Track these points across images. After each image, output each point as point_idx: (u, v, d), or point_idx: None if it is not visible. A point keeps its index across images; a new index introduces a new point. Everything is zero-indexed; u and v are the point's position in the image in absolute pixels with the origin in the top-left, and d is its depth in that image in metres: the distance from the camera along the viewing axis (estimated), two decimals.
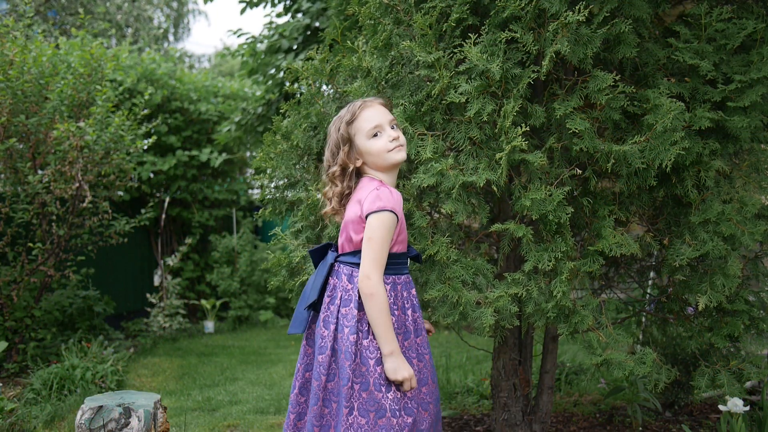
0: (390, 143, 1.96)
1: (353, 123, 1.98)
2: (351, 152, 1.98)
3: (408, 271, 2.04)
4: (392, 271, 1.96)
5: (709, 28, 2.38)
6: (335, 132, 2.01)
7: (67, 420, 3.57)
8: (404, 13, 2.50)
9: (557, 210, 2.26)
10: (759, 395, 3.35)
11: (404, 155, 1.98)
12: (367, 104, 2.00)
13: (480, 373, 4.53)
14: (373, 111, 1.99)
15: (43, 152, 4.82)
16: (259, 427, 3.53)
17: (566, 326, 2.34)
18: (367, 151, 1.97)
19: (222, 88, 7.92)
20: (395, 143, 1.96)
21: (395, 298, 1.95)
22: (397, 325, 1.94)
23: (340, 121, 2.01)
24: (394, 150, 1.96)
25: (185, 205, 7.60)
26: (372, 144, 1.96)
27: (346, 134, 1.98)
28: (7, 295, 4.71)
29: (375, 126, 1.96)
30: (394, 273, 1.97)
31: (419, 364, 1.97)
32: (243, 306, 7.35)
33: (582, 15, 2.12)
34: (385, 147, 1.96)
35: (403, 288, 1.98)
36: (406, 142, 2.42)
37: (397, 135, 1.97)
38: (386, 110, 2.02)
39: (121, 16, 15.11)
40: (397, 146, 1.96)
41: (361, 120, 1.98)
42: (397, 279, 1.98)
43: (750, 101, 2.30)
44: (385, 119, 1.98)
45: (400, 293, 1.97)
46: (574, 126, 2.22)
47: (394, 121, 2.02)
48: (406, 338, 1.96)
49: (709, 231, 2.38)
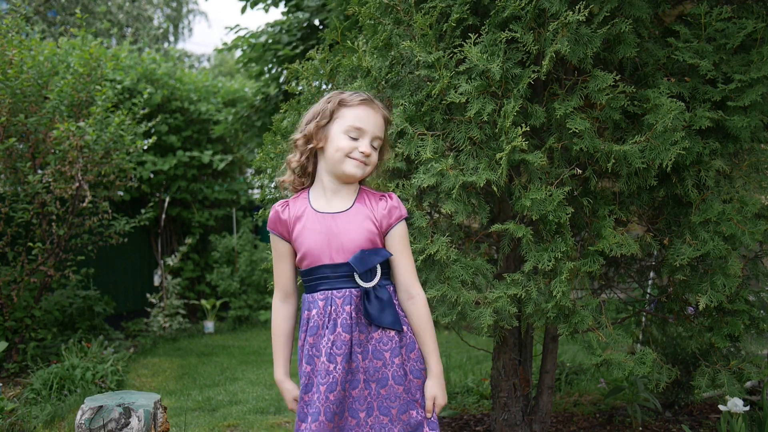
0: (354, 152, 1.78)
1: (345, 107, 1.81)
2: (322, 130, 1.81)
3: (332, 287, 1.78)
4: (308, 288, 1.83)
5: (709, 27, 2.38)
6: (324, 102, 1.84)
7: (67, 420, 3.57)
8: (404, 13, 2.50)
9: (557, 210, 2.26)
10: (759, 395, 3.35)
11: (359, 174, 1.80)
12: (372, 105, 1.83)
13: (480, 373, 4.53)
14: (369, 115, 1.81)
15: (42, 152, 4.82)
16: (259, 427, 3.53)
17: (566, 326, 2.34)
18: (331, 141, 1.80)
19: (222, 88, 7.93)
20: (359, 156, 1.78)
21: (308, 318, 1.80)
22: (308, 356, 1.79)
23: (335, 96, 1.83)
24: (352, 161, 1.78)
25: (185, 205, 7.60)
26: (340, 139, 1.79)
27: (330, 110, 1.81)
28: (7, 295, 4.71)
29: (358, 128, 1.79)
30: (308, 291, 1.82)
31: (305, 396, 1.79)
32: (243, 306, 7.35)
33: (582, 15, 2.12)
34: (347, 149, 1.78)
35: (314, 308, 1.79)
36: (406, 142, 2.42)
37: (369, 152, 1.79)
38: (382, 126, 1.84)
39: (122, 15, 15.11)
40: (359, 160, 1.78)
41: (353, 111, 1.80)
42: (309, 297, 1.81)
43: (750, 101, 2.30)
44: (372, 131, 1.80)
45: (312, 315, 1.80)
46: (575, 126, 2.22)
47: (380, 141, 1.84)
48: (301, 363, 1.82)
49: (710, 231, 2.38)
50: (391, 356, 1.79)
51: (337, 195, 1.83)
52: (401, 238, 1.84)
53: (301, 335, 1.83)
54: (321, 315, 1.78)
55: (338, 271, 1.78)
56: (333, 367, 1.73)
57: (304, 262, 1.82)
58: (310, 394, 1.77)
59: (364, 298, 1.78)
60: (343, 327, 1.75)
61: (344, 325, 1.76)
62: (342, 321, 1.76)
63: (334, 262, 1.78)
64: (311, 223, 1.80)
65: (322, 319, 1.78)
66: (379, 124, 1.82)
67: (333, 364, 1.73)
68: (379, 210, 1.82)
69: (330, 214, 1.81)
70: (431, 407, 1.81)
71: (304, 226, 1.80)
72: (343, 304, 1.77)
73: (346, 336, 1.75)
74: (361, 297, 1.78)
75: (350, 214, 1.81)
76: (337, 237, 1.78)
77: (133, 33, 14.97)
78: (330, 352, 1.74)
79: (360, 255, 1.77)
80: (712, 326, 2.59)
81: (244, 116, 6.68)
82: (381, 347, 1.79)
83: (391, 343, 1.79)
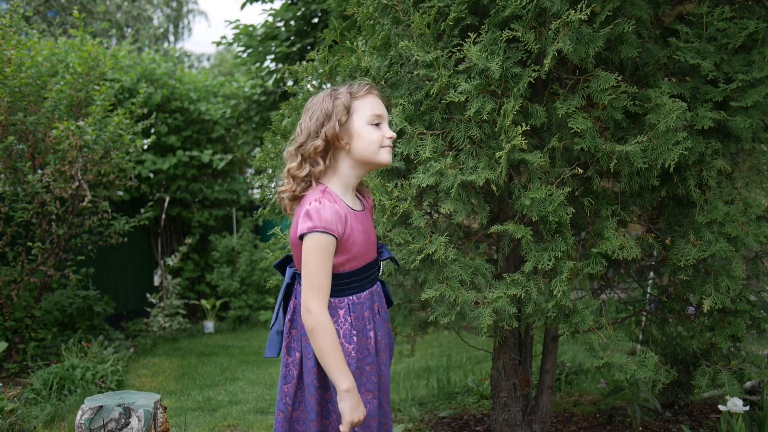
0: (386, 139, 1.76)
1: (357, 100, 1.75)
2: (343, 128, 1.73)
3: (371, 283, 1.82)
4: (349, 291, 1.76)
5: (711, 27, 2.38)
6: (329, 101, 1.74)
7: (67, 420, 3.57)
8: (403, 13, 2.49)
9: (557, 210, 2.25)
10: (759, 395, 3.34)
11: (392, 159, 1.80)
12: (374, 91, 1.80)
13: (480, 373, 4.52)
14: (378, 101, 1.80)
15: (42, 152, 4.82)
16: (259, 427, 3.53)
17: (567, 326, 2.34)
18: (361, 136, 1.73)
19: (222, 88, 7.93)
20: (389, 142, 1.77)
21: (354, 320, 1.75)
22: (358, 349, 1.75)
23: (338, 92, 1.76)
24: (386, 148, 1.76)
25: (185, 204, 7.60)
26: (369, 131, 1.74)
27: (346, 106, 1.73)
28: (7, 295, 4.71)
29: (379, 115, 1.76)
30: (352, 293, 1.76)
31: (368, 395, 1.78)
32: (243, 306, 7.35)
33: (584, 14, 2.12)
34: (380, 140, 1.74)
35: (364, 307, 1.78)
36: (405, 142, 2.42)
37: (393, 136, 1.78)
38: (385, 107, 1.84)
39: (121, 15, 15.11)
40: (389, 146, 1.77)
41: (367, 102, 1.76)
42: (356, 299, 1.77)
43: (753, 101, 2.29)
44: (386, 115, 1.80)
45: (360, 314, 1.77)
46: (577, 125, 2.22)
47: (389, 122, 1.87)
48: (368, 362, 1.78)
49: (714, 231, 2.38)
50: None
51: (351, 191, 1.84)
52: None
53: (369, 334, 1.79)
54: (373, 311, 1.82)
55: (374, 267, 1.86)
56: (386, 356, 1.89)
57: (349, 264, 1.74)
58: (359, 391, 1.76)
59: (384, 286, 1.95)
60: (385, 317, 1.90)
61: (385, 315, 1.90)
62: (383, 312, 1.89)
63: (372, 259, 1.84)
64: (355, 222, 1.75)
65: (374, 315, 1.83)
66: (385, 107, 1.82)
67: (385, 353, 1.88)
68: (370, 203, 1.94)
69: (360, 212, 1.81)
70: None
71: (352, 227, 1.73)
72: (381, 297, 1.89)
73: (388, 324, 1.92)
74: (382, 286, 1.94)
75: (366, 210, 1.88)
76: (370, 234, 1.84)
77: (133, 33, 14.97)
78: (385, 342, 1.88)
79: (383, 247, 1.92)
80: (713, 326, 2.59)
81: (242, 110, 6.70)
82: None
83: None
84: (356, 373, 1.73)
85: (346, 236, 1.71)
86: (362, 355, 1.76)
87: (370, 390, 1.77)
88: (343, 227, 1.70)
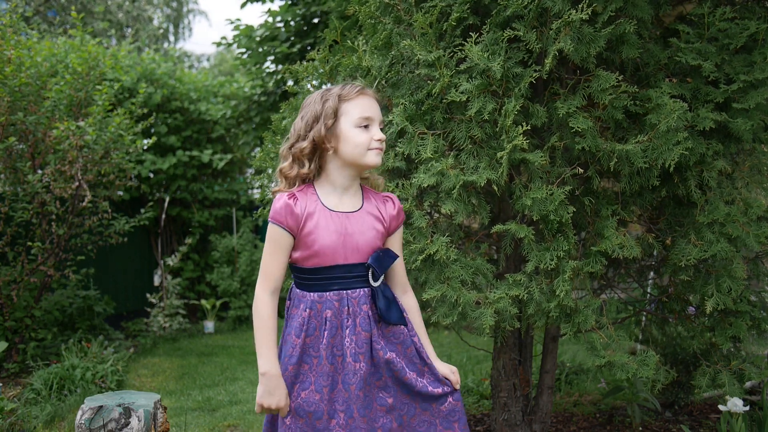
0: (374, 142, 1.77)
1: (346, 102, 1.77)
2: (330, 131, 1.76)
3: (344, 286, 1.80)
4: (312, 288, 1.79)
5: (712, 27, 2.38)
6: (319, 103, 1.78)
7: (67, 420, 3.57)
8: (405, 13, 2.49)
9: (558, 209, 2.25)
10: (759, 395, 3.34)
11: (380, 161, 1.80)
12: (366, 92, 1.81)
13: (480, 373, 4.52)
14: (370, 102, 1.80)
15: (42, 152, 4.82)
16: (258, 427, 3.53)
17: (569, 326, 2.34)
18: (347, 139, 1.76)
19: (222, 88, 7.93)
20: (378, 144, 1.78)
21: (309, 317, 1.77)
22: (304, 345, 1.77)
23: (329, 93, 1.79)
24: (374, 150, 1.77)
25: (185, 204, 7.59)
26: (356, 134, 1.76)
27: (333, 109, 1.76)
28: (7, 295, 4.71)
29: (368, 117, 1.77)
30: (315, 290, 1.79)
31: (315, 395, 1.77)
32: (243, 306, 7.34)
33: (585, 14, 2.12)
34: (367, 143, 1.76)
35: (324, 307, 1.78)
36: (406, 141, 2.41)
37: (383, 137, 1.79)
38: (379, 108, 1.84)
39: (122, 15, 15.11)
40: (378, 148, 1.78)
41: (356, 104, 1.78)
42: (317, 297, 1.78)
43: (754, 102, 2.29)
44: (378, 116, 1.81)
45: (318, 312, 1.78)
46: (577, 125, 2.22)
47: (382, 124, 1.85)
48: (319, 363, 1.77)
49: (716, 232, 2.38)
50: (402, 347, 1.87)
51: (347, 193, 1.83)
52: (400, 238, 1.92)
53: (291, 336, 1.79)
54: (338, 315, 1.79)
55: (353, 272, 1.80)
56: (359, 365, 1.78)
57: (311, 260, 1.78)
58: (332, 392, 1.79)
59: (375, 296, 1.82)
60: (362, 326, 1.79)
61: (363, 323, 1.80)
62: (361, 320, 1.80)
63: (348, 262, 1.79)
64: (325, 221, 1.77)
65: (339, 318, 1.79)
66: (378, 109, 1.82)
67: (358, 363, 1.78)
68: (388, 211, 1.87)
69: (344, 213, 1.81)
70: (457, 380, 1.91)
71: (317, 224, 1.76)
72: (359, 304, 1.80)
73: (366, 334, 1.79)
74: (372, 296, 1.82)
75: (362, 213, 1.83)
76: (352, 237, 1.79)
77: (133, 34, 14.96)
78: (355, 351, 1.78)
79: (377, 256, 1.81)
80: (713, 326, 2.59)
81: (243, 110, 6.70)
82: (394, 340, 1.86)
83: (401, 336, 1.87)
84: (294, 368, 1.78)
85: (306, 232, 1.76)
86: (308, 353, 1.78)
87: (317, 391, 1.77)
88: (298, 222, 1.75)
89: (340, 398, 1.78)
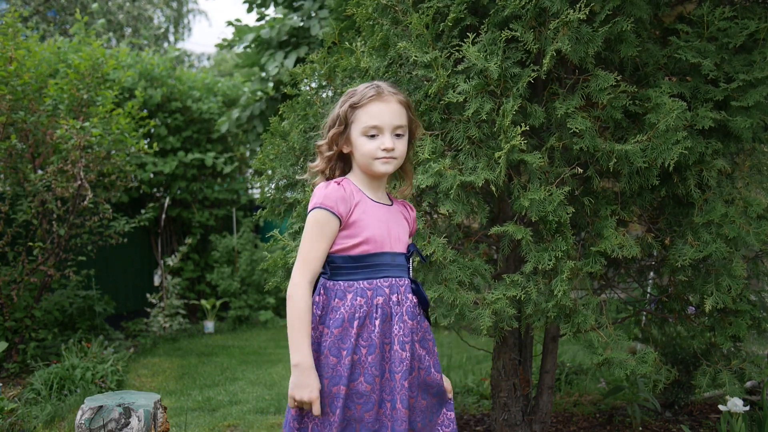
0: (379, 151, 1.76)
1: (358, 109, 1.78)
2: (342, 136, 1.80)
3: (391, 274, 1.80)
4: (360, 275, 1.77)
5: (711, 26, 2.37)
6: (339, 106, 1.82)
7: (67, 420, 3.57)
8: (402, 14, 2.49)
9: (557, 210, 2.25)
10: (759, 395, 3.34)
11: (390, 169, 1.79)
12: (383, 97, 1.78)
13: (480, 373, 4.52)
14: (383, 107, 1.77)
15: (43, 152, 4.82)
16: (259, 427, 3.53)
17: (568, 326, 2.34)
18: (356, 147, 1.79)
19: (222, 88, 7.92)
20: (384, 154, 1.76)
21: (361, 306, 1.75)
22: (363, 338, 1.75)
23: (348, 98, 1.81)
24: (380, 160, 1.76)
25: (185, 204, 7.59)
26: (363, 143, 1.77)
27: (344, 116, 1.79)
28: (7, 295, 4.71)
29: (374, 126, 1.76)
30: (364, 277, 1.77)
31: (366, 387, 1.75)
32: (243, 306, 7.35)
33: (583, 13, 2.11)
34: (372, 153, 1.76)
35: (375, 294, 1.76)
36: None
37: (392, 146, 1.76)
38: (400, 111, 1.79)
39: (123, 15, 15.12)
40: (385, 158, 1.76)
41: (365, 112, 1.77)
42: (367, 284, 1.76)
43: (754, 101, 2.29)
44: (390, 123, 1.77)
45: (370, 300, 1.76)
46: (576, 125, 2.22)
47: (401, 128, 1.80)
48: (371, 353, 1.75)
49: (712, 232, 2.37)
50: (432, 345, 1.87)
51: (379, 189, 1.87)
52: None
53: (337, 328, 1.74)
54: (388, 302, 1.78)
55: (397, 261, 1.83)
56: (405, 354, 1.77)
57: (359, 248, 1.77)
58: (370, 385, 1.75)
59: (417, 286, 1.85)
60: (408, 315, 1.80)
61: (409, 312, 1.81)
62: (407, 309, 1.80)
63: (393, 250, 1.82)
64: (372, 209, 1.80)
65: (389, 306, 1.78)
66: (396, 113, 1.78)
67: (405, 352, 1.77)
68: (411, 215, 1.95)
69: (384, 205, 1.85)
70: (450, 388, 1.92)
71: (365, 212, 1.78)
72: (405, 292, 1.81)
73: (412, 323, 1.80)
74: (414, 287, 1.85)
75: (395, 209, 1.89)
76: (394, 227, 1.84)
77: (133, 33, 14.97)
78: (402, 340, 1.77)
79: (414, 248, 1.88)
80: (713, 326, 2.59)
81: (244, 122, 6.71)
82: (427, 337, 1.86)
83: (432, 334, 1.87)
84: (349, 360, 1.73)
85: (355, 218, 1.76)
86: (359, 344, 1.75)
87: (368, 382, 1.74)
88: (349, 208, 1.75)
89: (387, 387, 1.78)
